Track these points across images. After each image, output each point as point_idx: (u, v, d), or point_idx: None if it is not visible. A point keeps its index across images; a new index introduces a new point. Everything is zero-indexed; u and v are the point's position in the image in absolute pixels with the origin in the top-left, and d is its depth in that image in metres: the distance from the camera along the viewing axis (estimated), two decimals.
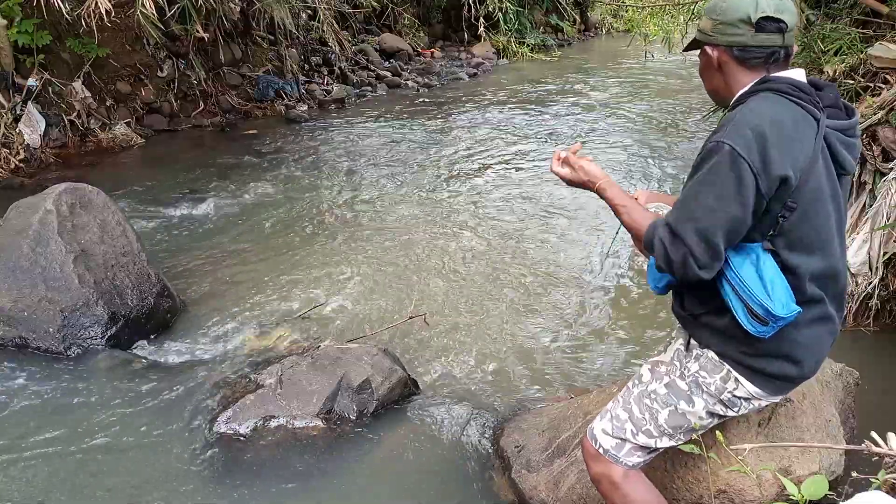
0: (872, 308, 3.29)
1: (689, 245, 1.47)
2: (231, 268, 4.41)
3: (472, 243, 4.79)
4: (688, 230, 1.48)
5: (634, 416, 1.76)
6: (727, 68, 1.60)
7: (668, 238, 1.51)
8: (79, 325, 3.33)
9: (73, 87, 7.20)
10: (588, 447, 1.84)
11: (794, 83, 1.53)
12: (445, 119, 8.93)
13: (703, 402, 1.69)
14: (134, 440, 2.75)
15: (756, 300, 1.48)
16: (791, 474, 1.82)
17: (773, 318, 1.48)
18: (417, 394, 3.06)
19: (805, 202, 1.49)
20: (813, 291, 1.57)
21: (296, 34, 9.92)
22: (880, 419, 2.08)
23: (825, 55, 3.85)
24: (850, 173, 1.61)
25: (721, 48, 1.59)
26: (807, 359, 1.62)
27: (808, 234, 1.53)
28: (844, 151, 1.55)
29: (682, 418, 1.71)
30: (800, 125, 1.49)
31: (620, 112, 9.18)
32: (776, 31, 1.53)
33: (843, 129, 1.56)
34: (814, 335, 1.61)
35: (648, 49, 9.01)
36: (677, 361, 1.76)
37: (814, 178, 1.49)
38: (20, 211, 3.56)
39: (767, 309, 1.47)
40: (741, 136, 1.45)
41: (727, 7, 1.56)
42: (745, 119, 1.48)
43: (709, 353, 1.68)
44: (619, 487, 1.76)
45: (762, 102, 1.51)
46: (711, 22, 1.59)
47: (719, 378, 1.66)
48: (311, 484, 2.52)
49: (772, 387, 1.65)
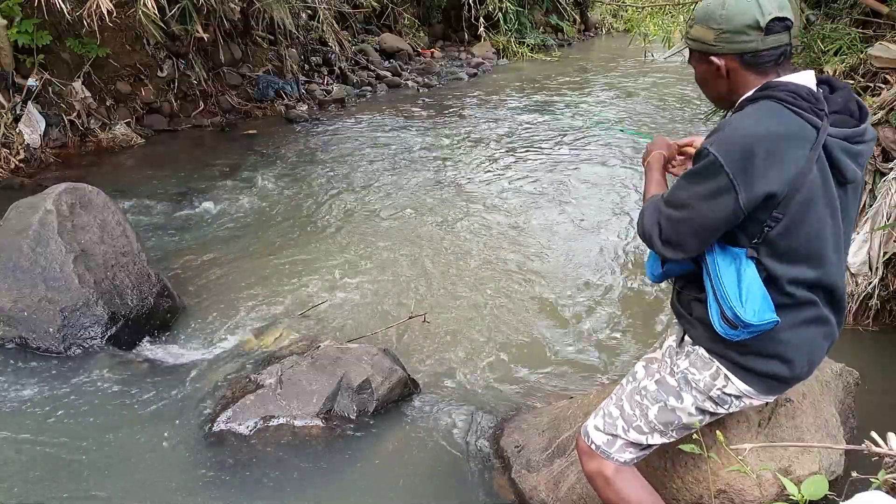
0: (872, 308, 3.29)
1: (660, 224, 1.59)
2: (231, 268, 4.41)
3: (472, 243, 4.79)
4: (664, 214, 1.58)
5: (626, 412, 1.77)
6: (735, 75, 1.57)
7: (651, 211, 1.63)
8: (79, 325, 3.33)
9: (73, 87, 7.19)
10: (581, 444, 1.85)
11: (796, 91, 1.49)
12: (445, 119, 8.93)
13: (691, 398, 1.70)
14: (134, 440, 2.75)
15: (728, 304, 1.51)
16: (791, 474, 1.82)
17: (742, 324, 1.50)
18: (417, 394, 3.06)
19: (793, 213, 1.47)
20: (803, 295, 1.56)
21: (296, 34, 9.92)
22: (880, 419, 2.08)
23: (825, 55, 3.85)
24: (854, 182, 1.56)
25: (729, 57, 1.55)
26: (797, 359, 1.61)
27: (795, 244, 1.51)
28: (847, 160, 1.51)
29: (671, 414, 1.72)
30: (793, 137, 1.45)
31: (621, 112, 9.18)
32: (784, 30, 1.51)
33: (849, 137, 1.51)
34: (806, 336, 1.60)
35: (648, 49, 9.00)
36: (668, 358, 1.78)
37: (805, 190, 1.46)
38: (20, 211, 3.56)
39: (737, 314, 1.49)
40: (728, 147, 1.44)
41: (729, 14, 1.51)
42: (735, 130, 1.46)
43: (699, 350, 1.69)
44: (611, 483, 1.77)
45: (758, 112, 1.49)
46: (713, 32, 1.54)
47: (708, 375, 1.67)
48: (311, 484, 2.52)
49: (762, 385, 1.64)
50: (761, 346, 1.58)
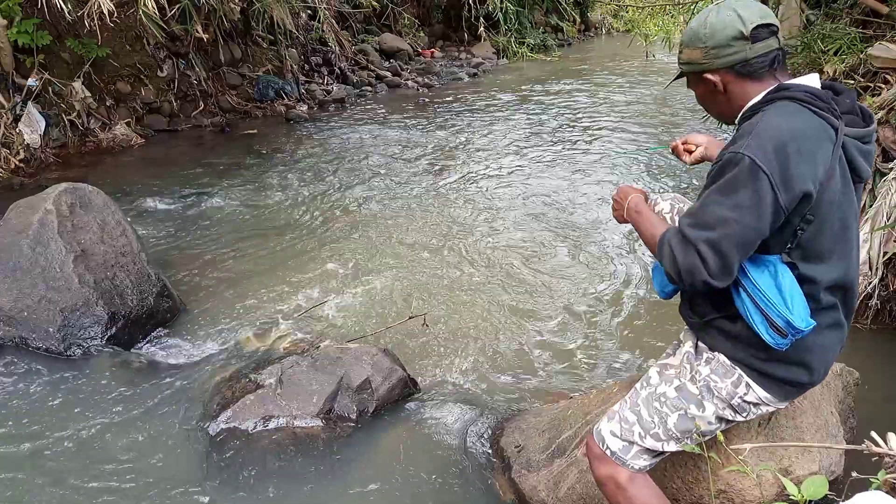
0: (872, 308, 3.29)
1: (700, 253, 1.45)
2: (231, 267, 4.42)
3: (472, 243, 4.79)
4: (700, 239, 1.45)
5: (643, 418, 1.74)
6: (732, 87, 1.58)
7: (679, 245, 1.49)
8: (79, 324, 3.33)
9: (73, 87, 7.20)
10: (594, 448, 1.81)
11: (812, 91, 1.50)
12: (445, 119, 8.93)
13: (713, 406, 1.68)
14: (134, 440, 2.75)
15: (777, 312, 1.47)
16: (791, 474, 1.82)
17: (793, 331, 1.48)
18: (417, 394, 3.06)
19: (822, 213, 1.47)
20: (827, 299, 1.57)
21: (296, 34, 9.93)
22: (880, 419, 2.08)
23: (825, 55, 3.85)
24: (865, 181, 1.59)
25: (722, 71, 1.57)
26: (817, 365, 1.62)
27: (824, 244, 1.51)
28: (861, 159, 1.53)
29: (691, 423, 1.70)
30: (819, 136, 1.46)
31: (621, 111, 9.18)
32: (770, 36, 1.53)
33: (860, 137, 1.53)
34: (826, 342, 1.61)
35: (649, 49, 9.02)
36: (687, 364, 1.75)
37: (831, 190, 1.47)
38: (20, 211, 3.56)
39: (789, 321, 1.46)
40: (762, 148, 1.42)
41: (712, 31, 1.54)
42: (765, 130, 1.44)
43: (720, 357, 1.67)
44: (625, 490, 1.74)
45: (781, 112, 1.48)
46: (700, 51, 1.57)
47: (730, 383, 1.65)
48: (310, 484, 2.52)
49: (782, 392, 1.64)
50: (788, 353, 1.56)
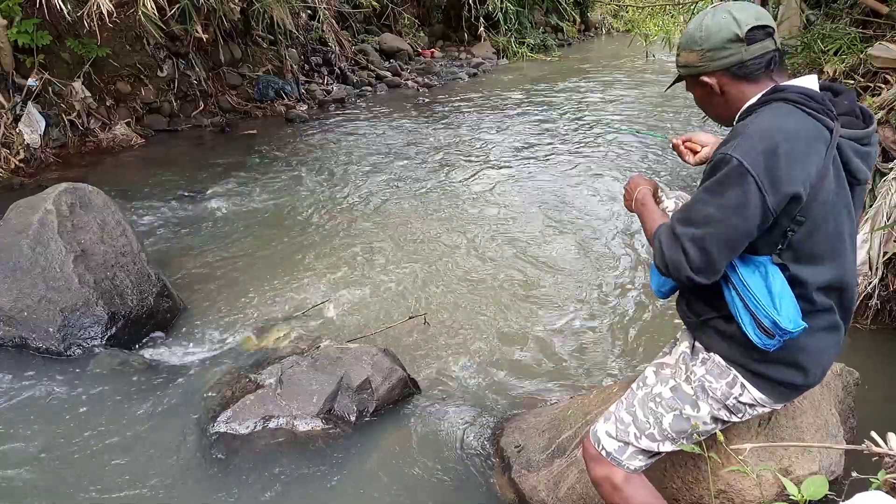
0: (872, 308, 3.29)
1: (685, 248, 1.49)
2: (231, 267, 4.42)
3: (472, 243, 4.79)
4: (685, 235, 1.49)
5: (638, 419, 1.75)
6: (729, 89, 1.59)
7: (667, 240, 1.53)
8: (79, 325, 3.33)
9: (73, 87, 7.20)
10: (590, 449, 1.82)
11: (807, 92, 1.50)
12: (445, 119, 8.93)
13: (708, 407, 1.68)
14: (134, 440, 2.75)
15: (765, 313, 1.48)
16: (791, 474, 1.82)
17: (780, 332, 1.48)
18: (417, 394, 3.06)
19: (814, 215, 1.47)
20: (822, 301, 1.56)
21: (296, 34, 9.93)
22: (880, 419, 2.08)
23: (825, 55, 3.85)
24: (864, 183, 1.58)
25: (718, 73, 1.58)
26: (812, 367, 1.61)
27: (816, 246, 1.51)
28: (858, 161, 1.52)
29: (686, 423, 1.70)
30: (811, 138, 1.45)
31: (621, 111, 9.18)
32: (766, 37, 1.53)
33: (858, 139, 1.53)
34: (821, 344, 1.61)
35: (649, 49, 9.01)
36: (682, 364, 1.75)
37: (824, 192, 1.46)
38: (20, 211, 3.56)
39: (776, 322, 1.47)
40: (750, 149, 1.42)
41: (707, 34, 1.55)
42: (755, 132, 1.45)
43: (715, 358, 1.67)
44: (620, 491, 1.75)
45: (774, 114, 1.48)
46: (696, 54, 1.58)
47: (725, 383, 1.65)
48: (310, 484, 2.52)
49: (776, 394, 1.64)
50: (782, 354, 1.57)
